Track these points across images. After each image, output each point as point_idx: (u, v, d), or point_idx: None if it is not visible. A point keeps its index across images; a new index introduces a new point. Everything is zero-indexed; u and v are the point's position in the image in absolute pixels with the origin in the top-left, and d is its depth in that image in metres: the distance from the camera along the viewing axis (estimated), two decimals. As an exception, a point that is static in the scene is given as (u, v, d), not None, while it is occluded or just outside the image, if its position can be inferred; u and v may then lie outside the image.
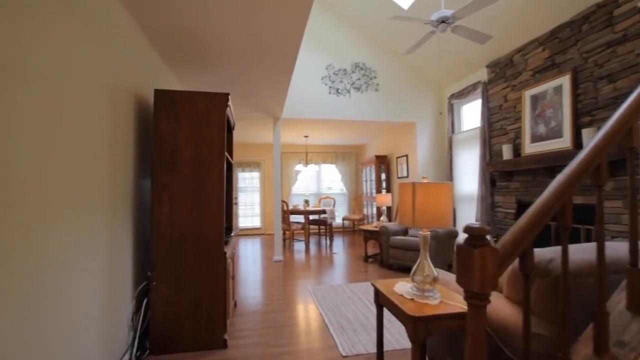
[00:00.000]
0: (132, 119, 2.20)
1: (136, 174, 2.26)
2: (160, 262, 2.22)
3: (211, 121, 2.33)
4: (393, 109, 5.68)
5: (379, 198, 5.30)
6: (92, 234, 1.65)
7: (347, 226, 8.66)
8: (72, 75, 1.46)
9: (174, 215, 2.24)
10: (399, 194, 1.53)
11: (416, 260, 4.37)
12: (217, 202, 2.31)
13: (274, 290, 3.68)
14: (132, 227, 2.20)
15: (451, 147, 5.55)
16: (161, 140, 2.25)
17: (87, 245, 1.60)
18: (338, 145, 8.84)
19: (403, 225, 1.35)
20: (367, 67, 5.59)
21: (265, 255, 5.70)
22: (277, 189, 5.21)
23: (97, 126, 1.69)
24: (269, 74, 3.41)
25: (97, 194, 1.70)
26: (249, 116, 5.12)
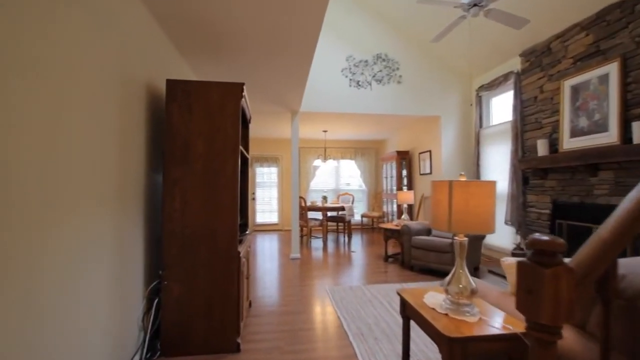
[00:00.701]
0: (143, 111, 2.09)
1: (148, 168, 2.17)
2: (171, 260, 2.12)
3: (225, 113, 2.19)
4: (416, 102, 5.41)
5: (400, 195, 5.07)
6: (99, 232, 1.55)
7: (365, 223, 8.45)
8: (73, 64, 1.35)
9: (185, 212, 2.13)
10: (432, 194, 1.33)
11: (440, 262, 4.19)
12: (231, 199, 2.18)
13: (290, 289, 3.56)
14: (144, 224, 2.10)
15: (478, 142, 5.23)
16: (173, 133, 2.14)
17: (93, 244, 1.50)
18: (357, 141, 8.62)
19: (436, 229, 1.16)
20: (390, 58, 5.33)
21: (282, 252, 5.59)
22: (294, 184, 5.08)
23: (102, 118, 1.58)
24: (287, 65, 3.25)
25: (104, 189, 1.59)
26: (267, 110, 4.99)
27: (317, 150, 8.47)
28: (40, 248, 1.17)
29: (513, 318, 1.28)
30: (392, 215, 7.19)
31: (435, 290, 1.61)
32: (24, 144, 1.10)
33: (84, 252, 1.44)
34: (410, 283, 3.71)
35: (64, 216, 1.30)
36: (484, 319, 1.27)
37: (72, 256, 1.35)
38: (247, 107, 2.60)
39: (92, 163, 1.49)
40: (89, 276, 1.47)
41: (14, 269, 1.06)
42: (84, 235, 1.43)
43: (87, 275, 1.46)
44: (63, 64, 1.29)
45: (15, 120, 1.06)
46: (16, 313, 1.06)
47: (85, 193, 1.44)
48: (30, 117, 1.12)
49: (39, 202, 1.16)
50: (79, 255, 1.40)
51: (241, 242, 2.33)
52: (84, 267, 1.44)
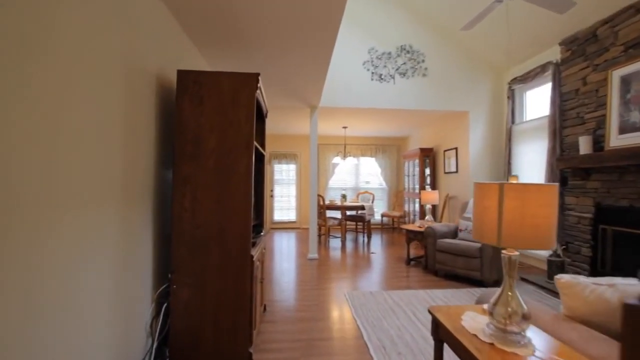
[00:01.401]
0: (154, 104, 1.97)
1: (158, 164, 2.04)
2: (181, 263, 1.99)
3: (239, 105, 2.03)
4: (443, 97, 5.10)
5: (424, 195, 4.80)
6: (101, 233, 1.43)
7: (386, 223, 8.19)
8: (77, 50, 1.22)
9: (196, 212, 2.00)
10: (476, 199, 1.12)
11: (468, 268, 3.89)
12: (244, 197, 2.03)
13: (307, 293, 3.39)
14: (154, 223, 1.99)
15: (510, 139, 4.88)
16: (183, 127, 2.00)
17: (94, 245, 1.38)
18: (378, 137, 8.34)
19: (480, 241, 0.94)
20: (414, 50, 5.05)
21: (299, 252, 5.45)
22: (313, 182, 4.90)
23: (107, 110, 1.45)
24: (306, 57, 3.07)
25: (107, 187, 1.47)
26: (285, 105, 4.83)
27: (336, 147, 8.26)
28: (36, 251, 1.04)
29: (573, 351, 1.05)
30: (413, 215, 6.91)
31: (474, 310, 1.38)
32: (20, 139, 0.96)
33: (84, 255, 1.31)
34: (436, 290, 3.47)
35: (63, 216, 1.17)
36: (539, 353, 1.04)
37: (70, 260, 1.23)
38: (262, 99, 2.44)
39: (93, 159, 1.36)
40: (89, 280, 1.35)
41: (8, 275, 0.93)
42: (83, 237, 1.31)
43: (88, 279, 1.34)
44: (65, 50, 1.15)
45: (8, 114, 0.93)
46: (10, 323, 0.93)
47: (86, 192, 1.31)
48: (26, 110, 0.99)
49: (33, 201, 1.03)
50: (78, 259, 1.28)
51: (255, 244, 2.18)
52: (84, 270, 1.32)
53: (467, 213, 4.33)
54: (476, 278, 3.63)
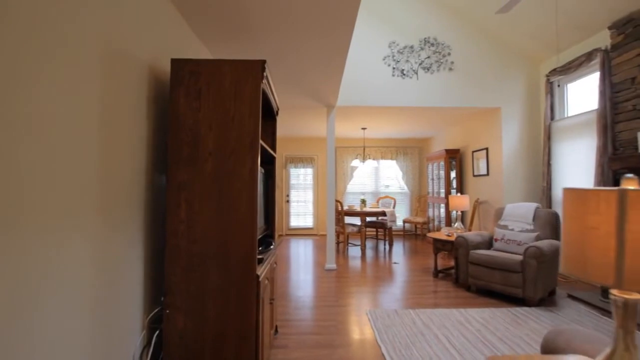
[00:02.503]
0: (145, 98, 1.70)
1: (151, 169, 1.77)
2: (175, 284, 1.70)
3: (241, 98, 1.74)
4: (472, 92, 4.67)
5: (452, 200, 4.37)
6: (67, 256, 1.15)
7: (408, 230, 7.73)
8: (29, 23, 0.95)
9: (192, 224, 1.71)
10: (568, 212, 0.75)
11: (506, 283, 3.36)
12: (249, 207, 1.72)
13: (324, 310, 3.05)
14: (144, 237, 1.71)
15: (549, 137, 4.39)
16: (178, 126, 1.72)
17: (58, 271, 1.10)
18: (399, 139, 7.93)
19: (581, 278, 0.56)
20: (439, 42, 4.65)
21: (316, 262, 5.11)
22: (330, 186, 4.57)
23: (73, 103, 1.18)
24: (321, 49, 2.78)
25: (76, 197, 1.19)
26: (300, 104, 4.54)
27: (355, 150, 7.91)
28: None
29: None
30: (438, 221, 6.44)
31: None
32: None
33: (40, 290, 1.03)
34: (470, 309, 3.04)
35: (9, 239, 0.90)
36: None
37: (25, 290, 0.94)
38: (271, 92, 2.13)
39: (51, 165, 1.08)
40: (51, 319, 1.07)
41: None
42: (41, 264, 1.03)
43: (49, 318, 1.06)
44: (21, 24, 0.89)
45: None
46: None
47: (39, 206, 1.04)
48: None
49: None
50: (30, 296, 1.00)
51: (262, 261, 1.87)
52: (41, 309, 1.03)
53: (503, 220, 3.88)
54: (517, 296, 3.18)
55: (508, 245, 3.58)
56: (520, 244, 3.48)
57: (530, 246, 3.13)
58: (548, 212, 3.59)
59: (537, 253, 3.05)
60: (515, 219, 3.78)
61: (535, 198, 4.64)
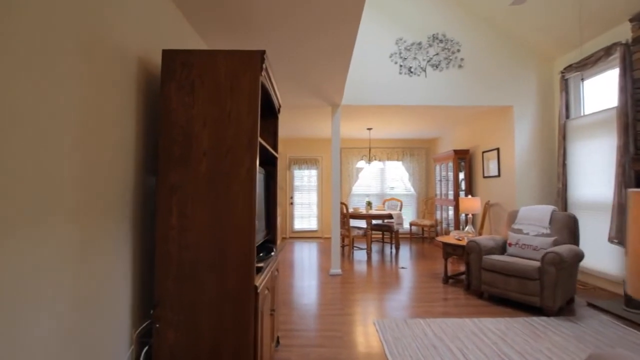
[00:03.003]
0: (134, 92, 1.57)
1: (141, 170, 1.63)
2: (166, 295, 1.55)
3: (239, 92, 1.59)
4: (482, 90, 4.49)
5: (463, 202, 4.19)
6: (31, 272, 1.00)
7: (414, 232, 7.54)
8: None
9: (185, 230, 1.56)
10: (636, 215, 0.58)
11: (523, 291, 3.09)
12: (246, 211, 1.57)
13: (328, 320, 2.89)
14: (133, 244, 1.57)
15: (565, 136, 4.19)
16: (169, 123, 1.58)
17: (21, 291, 0.96)
18: (406, 140, 7.75)
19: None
20: (448, 38, 4.48)
21: (320, 266, 4.95)
22: (335, 188, 4.41)
23: (47, 96, 1.04)
24: (325, 45, 2.65)
25: (48, 201, 1.05)
26: (304, 104, 4.40)
27: (360, 151, 7.75)
28: None
29: None
30: (446, 224, 6.24)
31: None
32: None
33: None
34: (485, 319, 2.86)
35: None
36: None
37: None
38: (272, 87, 1.99)
39: (17, 164, 0.94)
40: (19, 338, 0.93)
41: None
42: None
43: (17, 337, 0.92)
44: None
45: None
46: None
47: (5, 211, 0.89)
48: None
49: None
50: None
51: (261, 270, 1.71)
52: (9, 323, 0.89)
53: (517, 224, 3.69)
54: (534, 305, 2.99)
55: (523, 251, 3.39)
56: (537, 249, 3.29)
57: (548, 252, 2.94)
58: (566, 215, 3.39)
59: (556, 259, 2.86)
60: (530, 223, 3.59)
61: (549, 200, 4.43)
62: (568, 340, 2.48)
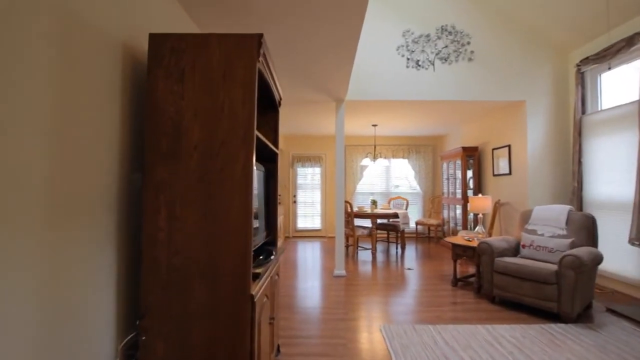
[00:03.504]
0: (119, 80, 1.42)
1: (127, 167, 1.49)
2: (153, 305, 1.41)
3: (233, 81, 1.44)
4: (493, 84, 4.30)
5: (473, 202, 4.01)
6: None
7: (420, 232, 7.36)
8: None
9: (174, 233, 1.41)
10: None
11: (538, 296, 2.83)
12: (242, 212, 1.42)
13: (332, 325, 2.74)
14: (117, 248, 1.43)
15: (580, 132, 3.99)
16: (157, 114, 1.43)
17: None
18: (412, 137, 7.56)
19: None
20: (458, 30, 4.29)
21: (324, 267, 4.80)
22: (339, 186, 4.26)
23: (15, 89, 0.90)
24: (330, 36, 2.50)
25: (16, 201, 0.91)
26: (307, 99, 4.24)
27: (364, 149, 7.58)
28: None
29: None
30: (454, 223, 6.06)
31: None
32: None
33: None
34: (498, 325, 2.69)
35: None
36: None
37: None
38: (270, 75, 1.83)
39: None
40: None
41: None
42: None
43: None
44: None
45: None
46: None
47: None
48: None
49: None
50: None
51: (258, 276, 1.56)
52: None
53: (530, 224, 3.51)
54: (551, 310, 2.82)
55: (538, 253, 3.21)
56: (552, 252, 3.11)
57: (567, 255, 2.77)
58: (583, 216, 3.21)
59: (575, 263, 2.69)
60: (545, 223, 3.41)
61: (563, 199, 4.24)
62: (589, 350, 2.31)
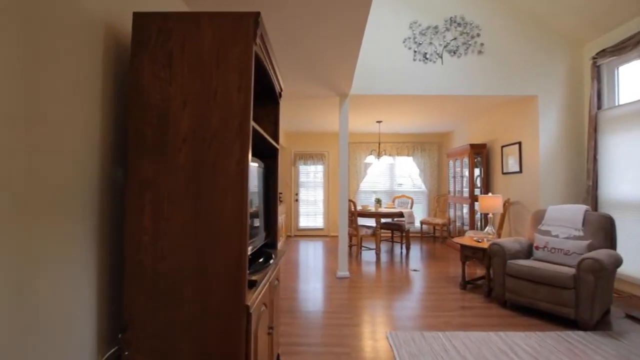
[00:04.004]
0: (99, 67, 1.27)
1: (109, 163, 1.34)
2: (138, 315, 1.26)
3: (227, 66, 1.28)
4: (504, 78, 4.12)
5: (483, 201, 3.84)
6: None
7: (425, 231, 7.20)
8: None
9: (160, 236, 1.26)
10: None
11: (555, 301, 2.66)
12: (235, 212, 1.27)
13: (336, 331, 2.59)
14: (99, 252, 1.28)
15: (596, 128, 3.81)
16: (141, 103, 1.28)
17: None
18: (417, 134, 7.38)
19: None
20: (467, 21, 4.11)
21: (327, 268, 4.65)
22: (343, 184, 4.10)
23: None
24: (333, 29, 2.38)
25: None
26: (310, 93, 4.08)
27: (368, 146, 7.41)
28: None
29: None
30: (460, 222, 5.89)
31: None
32: None
33: None
34: (512, 332, 2.53)
35: None
36: None
37: None
38: (269, 62, 1.67)
39: None
40: None
41: None
42: None
43: None
44: None
45: None
46: None
47: None
48: None
49: None
50: None
51: (255, 284, 1.41)
52: None
53: (544, 225, 3.34)
54: (568, 317, 2.65)
55: (552, 255, 3.05)
56: (569, 254, 2.94)
57: (586, 258, 2.60)
58: (601, 216, 3.03)
59: (595, 266, 2.52)
60: (559, 224, 3.24)
61: (577, 199, 4.06)
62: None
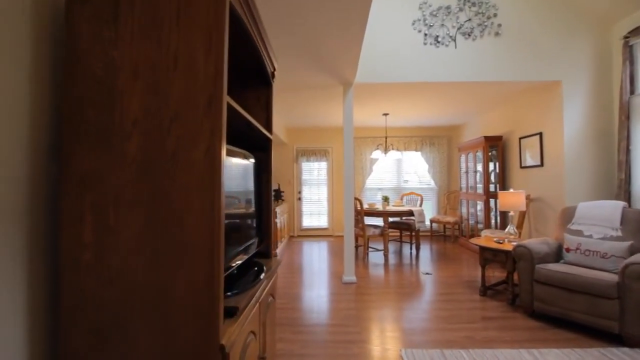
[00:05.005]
0: (27, 30, 0.95)
1: (44, 152, 1.02)
2: (77, 358, 0.95)
3: (190, 20, 0.96)
4: (524, 62, 3.75)
5: (504, 198, 3.48)
6: None
7: (435, 230, 6.84)
8: None
9: (105, 252, 0.94)
10: None
11: (594, 313, 2.27)
12: (204, 217, 0.94)
13: (342, 349, 2.26)
14: (29, 272, 0.96)
15: (628, 116, 3.43)
16: (79, 72, 0.96)
17: None
18: (425, 127, 7.02)
19: None
20: (483, 0, 3.74)
21: (332, 272, 4.32)
22: (348, 181, 3.77)
23: None
24: (336, 11, 2.07)
25: None
26: (312, 83, 3.75)
27: (374, 141, 7.06)
28: None
29: None
30: (474, 220, 5.52)
31: None
32: None
33: None
34: (545, 350, 2.19)
35: None
36: None
37: None
38: (256, 30, 1.33)
39: None
40: None
41: None
42: None
43: None
44: None
45: None
46: None
47: None
48: None
49: None
50: None
51: (235, 312, 1.08)
52: None
53: (574, 224, 2.98)
54: (610, 331, 2.30)
55: (587, 258, 2.69)
56: (607, 257, 2.59)
57: (631, 263, 2.24)
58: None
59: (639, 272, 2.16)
60: (593, 222, 2.88)
61: (607, 194, 3.69)
62: (673, 387, 1.79)
